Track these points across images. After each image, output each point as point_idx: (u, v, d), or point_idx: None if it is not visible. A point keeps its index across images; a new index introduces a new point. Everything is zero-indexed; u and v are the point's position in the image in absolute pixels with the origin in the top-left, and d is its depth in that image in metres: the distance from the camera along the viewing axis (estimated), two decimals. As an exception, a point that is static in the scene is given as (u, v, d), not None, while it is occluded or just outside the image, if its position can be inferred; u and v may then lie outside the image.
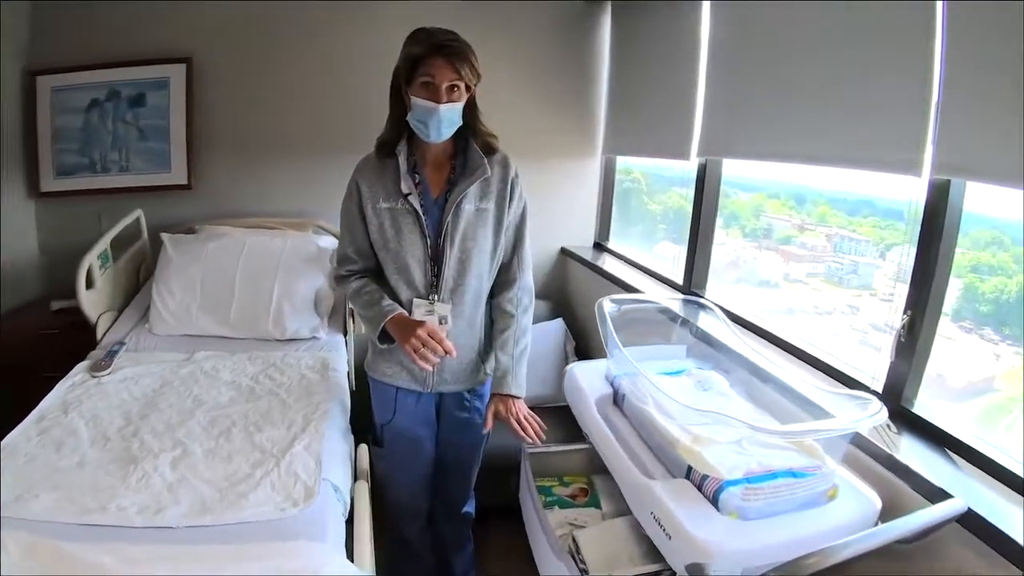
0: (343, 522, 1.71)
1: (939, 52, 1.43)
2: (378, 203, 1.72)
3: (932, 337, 1.60)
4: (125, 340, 2.54)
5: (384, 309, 1.71)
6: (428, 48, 1.58)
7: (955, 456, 1.46)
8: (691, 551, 1.26)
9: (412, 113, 1.64)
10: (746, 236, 2.38)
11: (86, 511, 1.53)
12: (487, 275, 1.80)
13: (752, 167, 2.36)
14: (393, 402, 1.88)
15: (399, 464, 1.97)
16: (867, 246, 1.83)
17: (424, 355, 1.63)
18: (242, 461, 1.76)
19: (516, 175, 1.80)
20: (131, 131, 3.17)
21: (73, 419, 1.95)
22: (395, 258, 1.74)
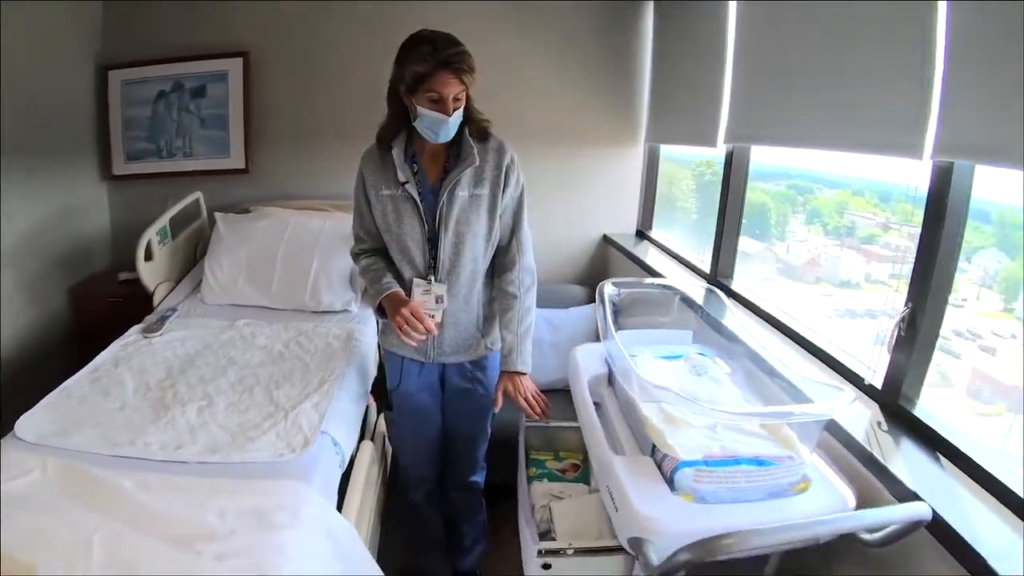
0: (338, 472, 1.89)
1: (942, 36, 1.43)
2: (380, 191, 1.82)
3: (936, 332, 1.56)
4: (177, 307, 2.80)
5: (382, 286, 1.84)
6: (434, 65, 1.62)
7: (947, 463, 1.41)
8: (635, 526, 1.27)
9: (421, 121, 1.69)
10: (828, 234, 2.30)
11: (117, 445, 1.77)
12: (482, 257, 1.89)
13: (838, 162, 2.27)
14: (399, 369, 2.00)
15: (407, 428, 2.10)
16: None
17: (407, 331, 1.75)
18: (256, 413, 1.97)
19: (512, 161, 1.84)
20: (194, 120, 3.44)
21: (122, 372, 2.20)
22: (397, 241, 1.85)
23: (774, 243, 2.59)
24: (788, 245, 2.51)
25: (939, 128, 1.43)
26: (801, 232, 2.46)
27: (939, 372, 1.63)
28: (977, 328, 1.60)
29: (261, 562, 1.35)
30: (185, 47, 3.36)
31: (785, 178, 2.54)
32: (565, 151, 3.56)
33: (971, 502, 1.29)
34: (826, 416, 1.36)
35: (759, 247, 2.63)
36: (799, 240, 2.46)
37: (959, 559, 1.17)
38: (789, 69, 2.09)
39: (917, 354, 1.57)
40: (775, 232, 2.59)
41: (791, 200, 2.52)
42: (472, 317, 1.93)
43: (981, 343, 1.59)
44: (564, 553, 1.52)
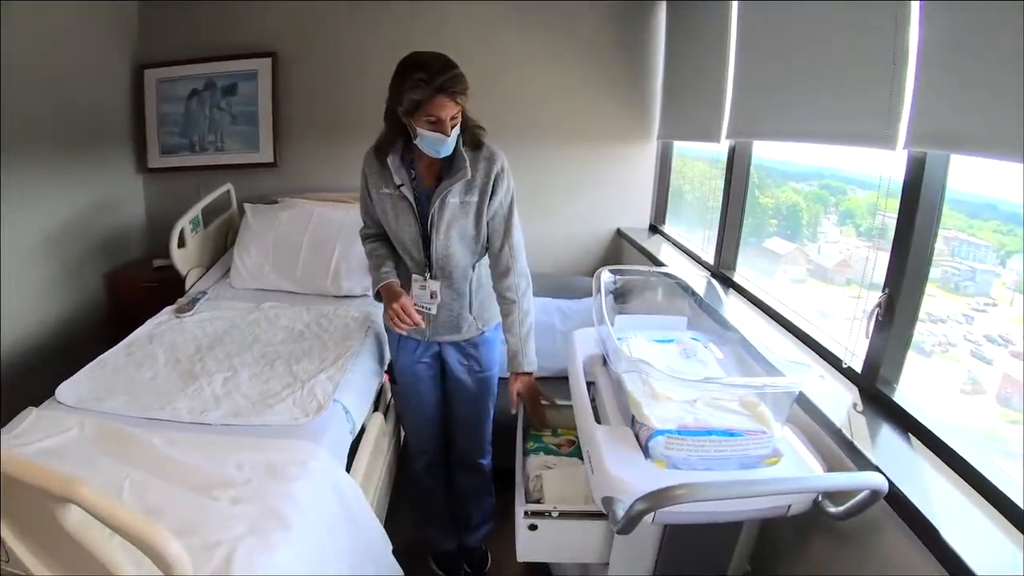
0: (348, 437, 2.05)
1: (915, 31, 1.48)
2: (380, 189, 1.95)
3: (913, 318, 1.62)
4: (207, 291, 2.99)
5: (380, 275, 2.01)
6: (431, 92, 1.68)
7: (919, 444, 1.47)
8: (606, 486, 1.36)
9: (421, 140, 1.78)
10: (860, 235, 2.25)
11: (148, 409, 1.95)
12: (472, 256, 2.01)
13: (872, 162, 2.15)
14: (397, 345, 2.15)
15: (406, 400, 2.25)
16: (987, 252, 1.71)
17: (395, 323, 1.93)
18: (276, 383, 2.13)
19: (502, 169, 1.92)
20: (225, 116, 3.63)
21: (155, 347, 2.38)
22: (396, 236, 1.99)
23: (805, 243, 2.57)
24: (820, 246, 2.49)
25: (912, 119, 1.49)
26: (833, 233, 2.44)
27: (971, 378, 1.66)
28: (1009, 334, 1.59)
29: (271, 506, 1.51)
30: (217, 48, 3.55)
31: (818, 178, 2.52)
32: (580, 147, 3.66)
33: (934, 479, 1.35)
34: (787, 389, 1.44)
35: (790, 248, 2.63)
36: (831, 241, 2.44)
37: (916, 532, 1.24)
38: (779, 67, 2.17)
39: (894, 339, 1.63)
40: (807, 233, 2.57)
41: (823, 201, 2.51)
42: (464, 303, 2.05)
43: (1013, 348, 1.56)
44: (549, 515, 1.61)
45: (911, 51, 1.50)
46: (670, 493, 1.21)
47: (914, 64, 1.49)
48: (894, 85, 1.54)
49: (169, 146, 3.67)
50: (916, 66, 1.48)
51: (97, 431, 1.79)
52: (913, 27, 1.49)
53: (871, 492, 1.29)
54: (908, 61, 1.50)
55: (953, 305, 1.76)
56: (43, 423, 1.82)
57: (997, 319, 1.65)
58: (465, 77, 1.73)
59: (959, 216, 1.73)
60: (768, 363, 1.60)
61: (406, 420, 2.32)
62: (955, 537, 1.15)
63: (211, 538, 1.39)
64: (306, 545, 1.50)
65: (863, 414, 1.61)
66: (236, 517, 1.48)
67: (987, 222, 1.71)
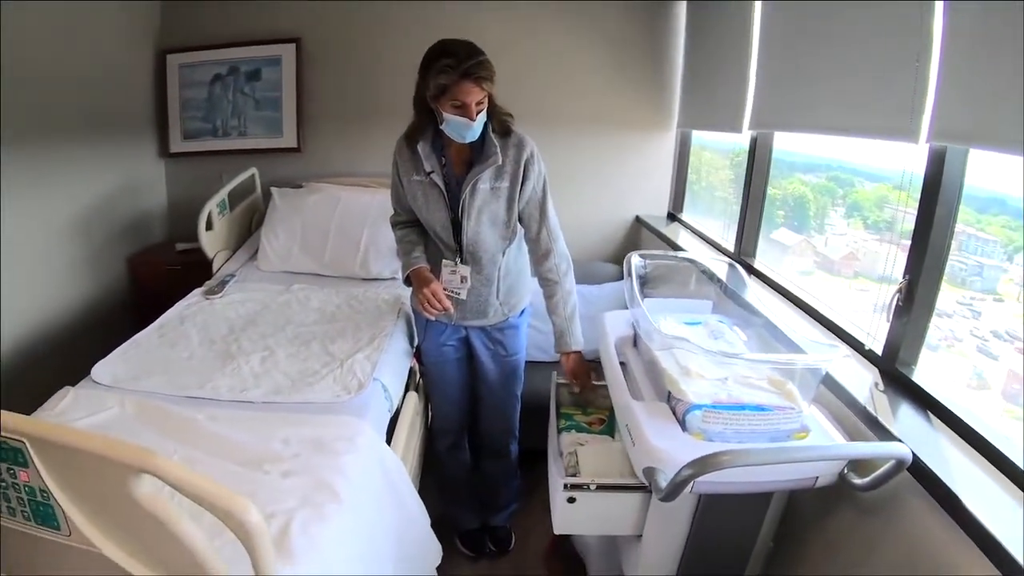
0: (387, 414, 2.10)
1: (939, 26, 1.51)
2: (411, 176, 1.98)
3: (932, 303, 1.66)
4: (236, 273, 3.03)
5: (411, 260, 2.05)
6: (457, 77, 1.74)
7: (938, 422, 1.51)
8: (648, 457, 1.42)
9: (447, 125, 1.83)
10: (868, 228, 2.26)
11: (187, 388, 1.99)
12: (502, 242, 2.05)
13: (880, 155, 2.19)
14: (424, 329, 2.21)
15: (433, 382, 2.31)
16: (994, 247, 1.72)
17: (426, 308, 1.97)
18: (314, 362, 2.18)
19: (531, 155, 1.96)
20: (248, 101, 3.65)
21: (187, 327, 2.42)
22: (427, 222, 2.03)
23: (812, 235, 2.59)
24: (827, 238, 2.51)
25: (934, 114, 1.52)
26: (840, 225, 2.45)
27: (976, 374, 1.69)
28: (1016, 330, 1.61)
29: (322, 479, 1.56)
30: (241, 33, 3.57)
31: (826, 170, 2.53)
32: (601, 136, 3.69)
33: (953, 452, 1.39)
34: (817, 366, 1.50)
35: (797, 239, 2.66)
36: (838, 233, 2.46)
37: (939, 500, 1.28)
38: (803, 59, 2.21)
39: (913, 322, 1.68)
40: (814, 224, 2.58)
41: (831, 193, 2.51)
42: (492, 289, 2.09)
43: (1019, 345, 1.58)
44: (587, 488, 1.67)
45: (935, 45, 1.52)
46: (715, 459, 1.27)
47: (937, 59, 1.52)
48: (917, 79, 1.56)
49: (191, 131, 3.71)
50: (939, 61, 1.51)
51: (139, 409, 1.83)
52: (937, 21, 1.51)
53: (896, 462, 1.34)
54: (932, 56, 1.53)
55: (960, 299, 1.79)
56: (82, 402, 1.87)
57: (1004, 315, 1.68)
58: (491, 63, 1.78)
59: (968, 211, 1.74)
60: (794, 344, 1.65)
61: (433, 401, 2.39)
62: (976, 505, 1.20)
63: (265, 510, 1.41)
64: (356, 517, 1.55)
65: (884, 393, 1.66)
66: (288, 490, 1.52)
67: (996, 217, 1.73)
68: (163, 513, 1.03)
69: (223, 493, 1.01)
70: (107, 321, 3.24)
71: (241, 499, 1.02)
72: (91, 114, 3.16)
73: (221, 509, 1.01)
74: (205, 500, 1.00)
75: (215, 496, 1.00)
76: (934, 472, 1.30)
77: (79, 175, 3.14)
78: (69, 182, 3.07)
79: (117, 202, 3.43)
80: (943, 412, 1.52)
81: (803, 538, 1.78)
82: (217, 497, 1.00)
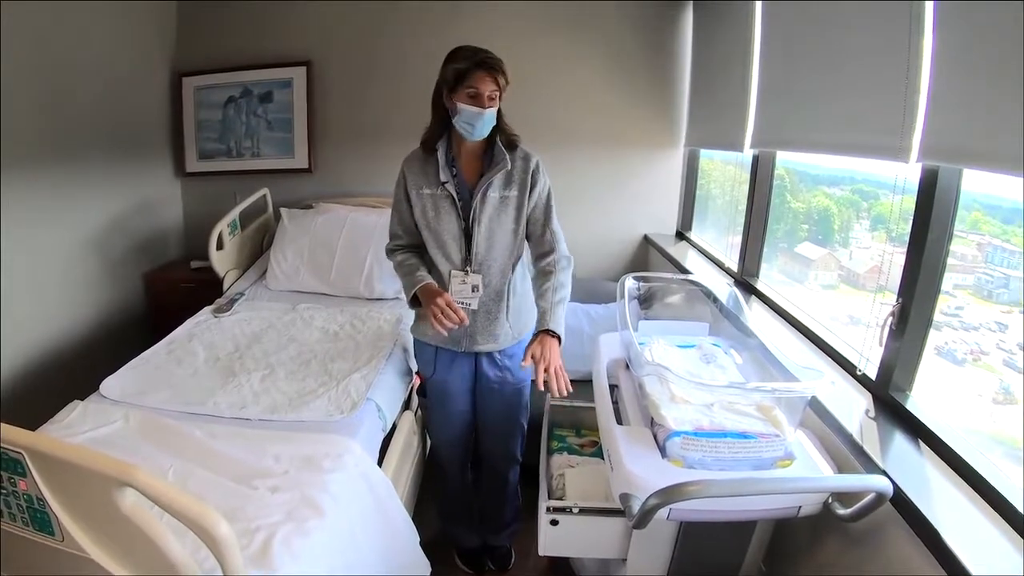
0: (380, 435, 2.14)
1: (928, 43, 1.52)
2: (421, 189, 2.01)
3: (927, 326, 1.65)
4: (245, 292, 3.11)
5: (416, 278, 2.02)
6: (472, 64, 1.84)
7: (928, 451, 1.50)
8: (624, 483, 1.44)
9: (459, 117, 1.89)
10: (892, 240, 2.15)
11: (189, 403, 2.06)
12: (510, 252, 2.06)
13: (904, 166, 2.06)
14: (433, 360, 2.17)
15: (438, 415, 2.29)
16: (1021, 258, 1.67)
17: (440, 320, 1.90)
18: (312, 382, 2.24)
19: (536, 166, 2.02)
20: (261, 123, 3.74)
21: (195, 345, 2.49)
22: (434, 235, 2.03)
23: (837, 248, 2.56)
24: (851, 251, 2.48)
25: (924, 134, 1.54)
26: (865, 238, 2.41)
27: (1003, 387, 1.64)
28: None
29: (307, 495, 1.61)
30: (253, 56, 3.67)
31: (850, 183, 2.50)
32: (608, 154, 3.72)
33: (941, 484, 1.38)
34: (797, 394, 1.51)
35: (821, 252, 2.63)
36: (863, 247, 2.42)
37: (919, 535, 1.28)
38: (800, 78, 2.23)
39: (907, 347, 1.67)
40: (838, 238, 2.56)
41: (855, 205, 2.48)
42: (502, 306, 2.10)
43: None
44: (570, 511, 1.69)
45: (924, 67, 1.54)
46: (682, 489, 1.29)
47: (927, 80, 1.53)
48: (907, 100, 1.58)
49: (207, 151, 3.80)
50: (929, 82, 1.53)
51: (141, 423, 1.91)
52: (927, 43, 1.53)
53: (877, 495, 1.35)
54: (921, 77, 1.54)
55: (986, 312, 1.74)
56: (89, 415, 1.95)
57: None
58: (503, 63, 1.88)
59: (993, 222, 1.73)
60: (783, 368, 1.66)
61: (437, 434, 2.36)
62: (957, 541, 1.19)
63: (251, 524, 1.50)
64: (339, 531, 1.60)
65: (875, 420, 1.66)
66: (274, 505, 1.58)
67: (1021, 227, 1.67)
68: (144, 522, 1.14)
69: (195, 507, 1.10)
70: (123, 336, 3.32)
71: (211, 513, 1.11)
72: (111, 135, 3.26)
73: (193, 521, 1.10)
74: (179, 512, 1.10)
75: (188, 509, 1.10)
76: (916, 506, 1.30)
77: (99, 193, 3.24)
78: (89, 200, 3.17)
79: (134, 220, 3.52)
80: (935, 441, 1.51)
81: (795, 563, 1.79)
82: (190, 510, 1.10)
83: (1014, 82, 1.25)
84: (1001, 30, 1.29)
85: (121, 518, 1.13)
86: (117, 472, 1.09)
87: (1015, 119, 1.24)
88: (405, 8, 3.57)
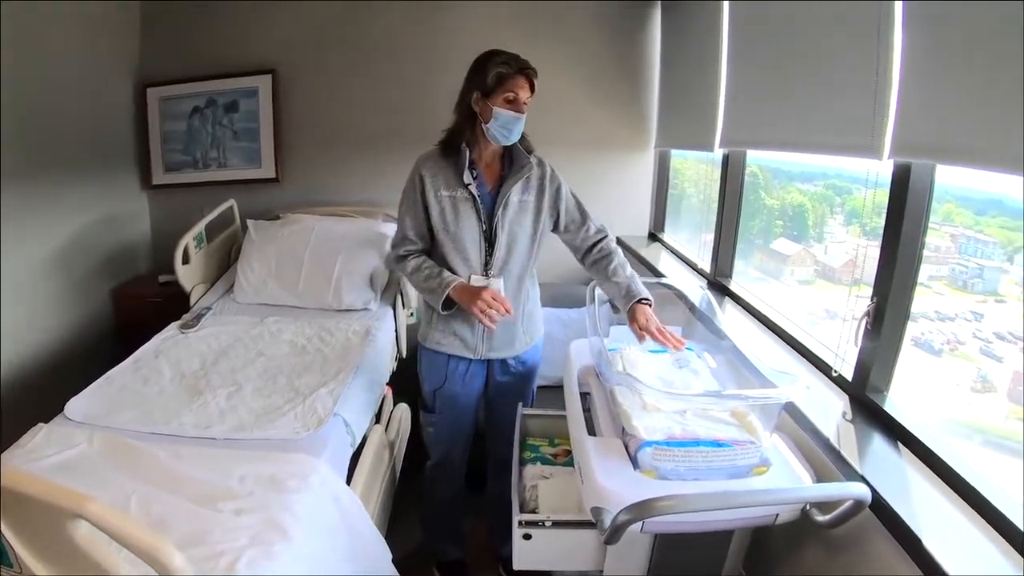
0: (348, 450, 2.10)
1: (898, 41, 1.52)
2: (439, 191, 1.98)
3: (903, 327, 1.65)
4: (212, 306, 3.03)
5: (446, 279, 1.96)
6: (515, 70, 1.89)
7: (907, 452, 1.50)
8: (595, 496, 1.41)
9: (495, 121, 1.91)
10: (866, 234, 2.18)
11: (154, 424, 2.01)
12: (527, 255, 2.06)
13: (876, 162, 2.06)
14: (444, 369, 2.14)
15: (447, 427, 2.23)
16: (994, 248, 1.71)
17: (490, 315, 1.88)
18: (279, 398, 2.19)
19: (552, 171, 2.08)
20: (227, 133, 3.68)
21: (161, 362, 2.43)
22: (453, 239, 1.99)
23: (812, 244, 2.57)
24: (826, 246, 2.50)
25: (895, 130, 1.54)
26: (839, 233, 2.44)
27: (981, 376, 1.66)
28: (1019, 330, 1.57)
29: (272, 517, 1.56)
30: (218, 65, 3.60)
31: (823, 178, 2.52)
32: (578, 155, 3.67)
33: (920, 487, 1.37)
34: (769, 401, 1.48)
35: (796, 248, 2.63)
36: (837, 241, 2.44)
37: (899, 540, 1.27)
38: (769, 77, 2.23)
39: (883, 346, 1.67)
40: (813, 233, 2.57)
41: (829, 201, 2.50)
42: (518, 312, 2.09)
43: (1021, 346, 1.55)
44: (543, 525, 1.64)
45: (895, 64, 1.54)
46: (653, 505, 1.25)
47: (897, 76, 1.53)
48: (878, 97, 1.58)
49: (173, 163, 3.72)
50: (899, 78, 1.53)
51: (105, 446, 1.85)
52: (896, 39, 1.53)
53: (855, 502, 1.32)
54: (892, 74, 1.54)
55: (962, 303, 1.76)
56: (53, 438, 1.88)
57: (1007, 315, 1.65)
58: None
59: (966, 213, 1.74)
60: (758, 372, 1.63)
61: (440, 450, 2.30)
62: (937, 545, 1.18)
63: (215, 548, 1.46)
64: (306, 554, 1.55)
65: (852, 422, 1.64)
66: (239, 528, 1.53)
67: (994, 218, 1.72)
68: (98, 554, 1.12)
69: (148, 538, 1.08)
70: (92, 354, 3.24)
71: (165, 544, 1.08)
72: (75, 148, 3.19)
73: (147, 553, 1.07)
74: (132, 545, 1.07)
75: (141, 541, 1.07)
76: (895, 511, 1.28)
77: (64, 208, 3.16)
78: (54, 215, 3.09)
79: (100, 235, 3.44)
80: (913, 442, 1.50)
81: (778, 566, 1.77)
82: (143, 542, 1.07)
83: (983, 78, 1.25)
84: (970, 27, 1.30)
85: (76, 549, 1.11)
86: (69, 503, 1.07)
87: (985, 114, 1.25)
88: (369, 15, 3.53)
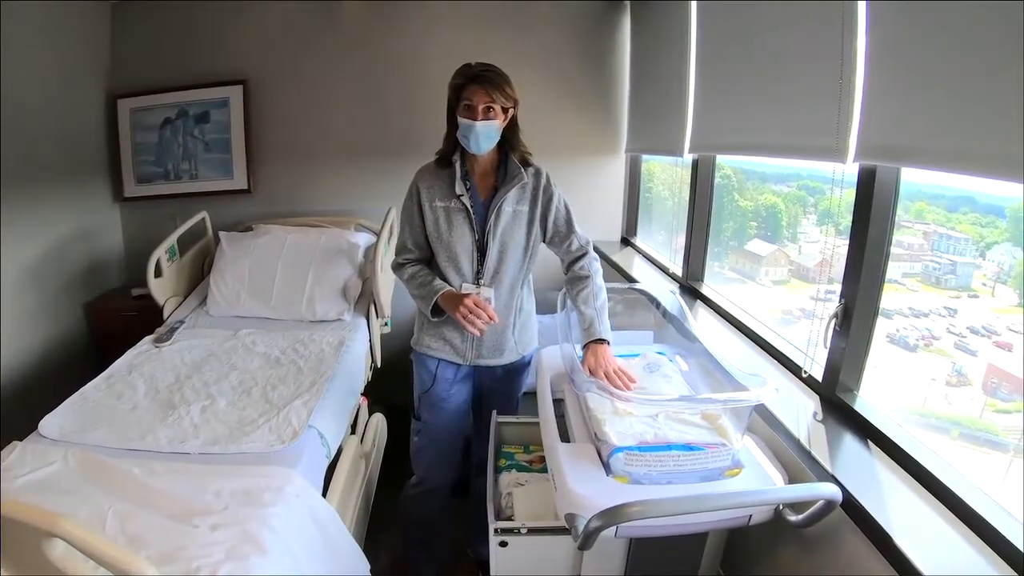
0: (324, 461, 2.11)
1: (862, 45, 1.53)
2: (434, 202, 2.03)
3: (871, 327, 1.68)
4: (185, 319, 3.01)
5: (435, 287, 2.02)
6: (467, 78, 1.91)
7: (878, 451, 1.51)
8: (568, 503, 1.42)
9: (460, 131, 1.95)
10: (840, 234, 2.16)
11: (129, 440, 2.00)
12: (520, 266, 2.09)
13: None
14: (433, 372, 2.16)
15: (433, 433, 2.23)
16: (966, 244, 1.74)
17: (471, 320, 1.92)
18: (253, 411, 2.19)
19: (548, 181, 2.09)
20: (198, 144, 3.65)
21: (134, 377, 2.41)
22: (446, 248, 2.04)
23: (786, 244, 2.59)
24: (800, 246, 2.51)
25: (860, 134, 1.56)
26: (813, 233, 2.45)
27: (956, 370, 1.67)
28: (993, 324, 1.60)
29: (248, 531, 1.57)
30: (188, 76, 3.57)
31: (796, 179, 2.54)
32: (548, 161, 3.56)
33: (891, 484, 1.39)
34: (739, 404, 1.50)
35: (771, 249, 2.65)
36: (811, 241, 2.45)
37: (871, 538, 1.29)
38: (737, 82, 2.25)
39: (853, 347, 1.69)
40: (787, 233, 2.60)
41: (802, 201, 2.53)
42: (510, 320, 2.12)
43: (997, 339, 1.58)
44: (518, 532, 1.66)
45: (859, 68, 1.56)
46: (624, 510, 1.27)
47: (862, 80, 1.56)
48: (843, 101, 1.60)
49: (145, 175, 3.69)
50: (863, 82, 1.55)
51: (80, 463, 1.84)
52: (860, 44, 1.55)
53: (826, 502, 1.34)
54: (856, 78, 1.57)
55: (936, 299, 1.78)
56: (28, 456, 1.88)
57: (980, 310, 1.67)
58: (504, 80, 1.95)
59: (938, 210, 1.77)
60: (729, 375, 1.66)
61: (426, 457, 2.29)
62: (907, 542, 1.20)
63: (191, 564, 1.46)
64: (283, 568, 1.56)
65: (823, 423, 1.66)
66: (215, 543, 1.53)
67: (965, 215, 1.74)
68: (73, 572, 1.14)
69: (122, 556, 1.11)
70: (66, 370, 3.19)
71: (139, 561, 1.12)
72: (45, 161, 3.15)
73: (121, 571, 1.11)
74: (107, 563, 1.11)
75: (116, 559, 1.11)
76: (867, 510, 1.30)
77: (35, 222, 3.11)
78: (25, 229, 3.04)
79: (72, 248, 3.40)
80: (884, 441, 1.52)
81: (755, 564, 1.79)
82: (117, 560, 1.11)
83: (947, 81, 1.28)
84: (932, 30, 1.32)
85: (53, 569, 1.13)
86: (42, 522, 1.09)
87: (948, 117, 1.27)
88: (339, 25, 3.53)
